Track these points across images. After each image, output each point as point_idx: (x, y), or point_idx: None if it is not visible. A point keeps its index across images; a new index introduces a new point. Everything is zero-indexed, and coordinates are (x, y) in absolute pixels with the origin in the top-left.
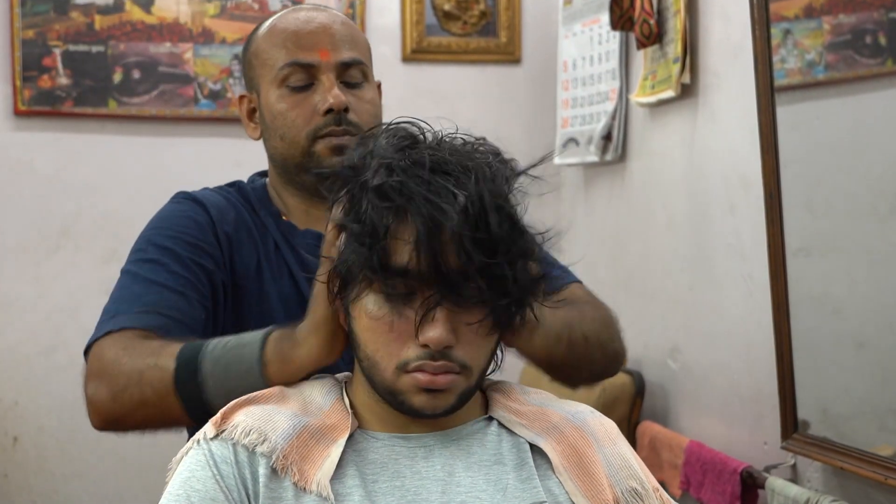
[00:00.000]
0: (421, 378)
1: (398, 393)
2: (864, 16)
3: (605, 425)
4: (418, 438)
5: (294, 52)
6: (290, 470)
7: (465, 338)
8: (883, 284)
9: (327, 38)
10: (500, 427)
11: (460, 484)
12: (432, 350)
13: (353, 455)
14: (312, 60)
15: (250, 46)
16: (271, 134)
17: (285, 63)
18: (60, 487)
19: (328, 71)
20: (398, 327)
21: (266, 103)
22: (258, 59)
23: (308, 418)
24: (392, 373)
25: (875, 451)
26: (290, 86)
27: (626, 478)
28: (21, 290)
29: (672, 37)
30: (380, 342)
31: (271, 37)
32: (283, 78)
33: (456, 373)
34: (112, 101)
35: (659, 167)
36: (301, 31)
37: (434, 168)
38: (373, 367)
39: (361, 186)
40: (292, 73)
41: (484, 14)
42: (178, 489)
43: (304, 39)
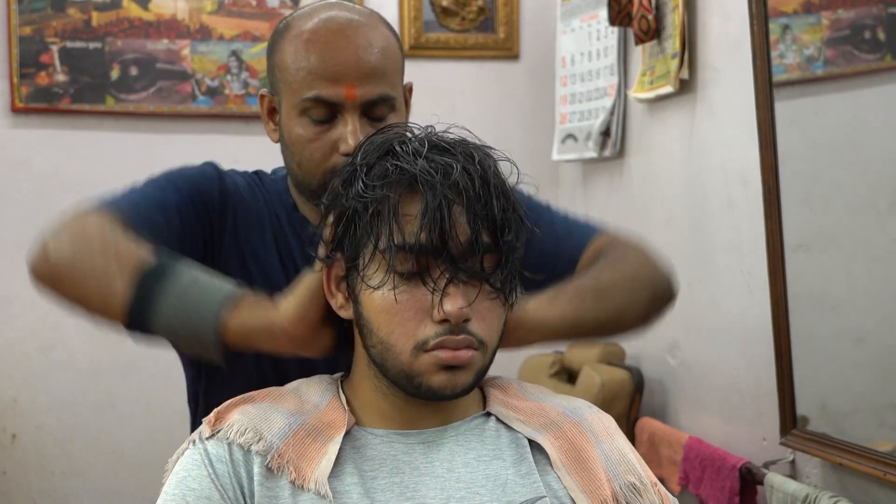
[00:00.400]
0: (443, 355)
1: (415, 375)
2: (862, 11)
3: (603, 420)
4: (417, 434)
5: (318, 86)
6: (287, 468)
7: (478, 313)
8: (882, 280)
9: (355, 71)
10: (499, 423)
11: (459, 480)
12: (452, 325)
13: (350, 452)
14: (337, 98)
15: (275, 52)
16: (289, 154)
17: (308, 97)
18: (59, 485)
19: (352, 110)
20: (412, 306)
21: (286, 123)
22: (281, 72)
23: (304, 416)
24: (409, 354)
25: (874, 447)
26: (312, 118)
27: (625, 472)
28: (19, 288)
29: (670, 32)
30: (394, 322)
31: (296, 54)
32: (302, 110)
33: (475, 348)
34: (109, 98)
35: (657, 163)
36: (328, 62)
37: (434, 147)
38: (387, 350)
39: (361, 168)
40: (314, 106)
41: (482, 10)
42: (174, 489)
43: (330, 71)
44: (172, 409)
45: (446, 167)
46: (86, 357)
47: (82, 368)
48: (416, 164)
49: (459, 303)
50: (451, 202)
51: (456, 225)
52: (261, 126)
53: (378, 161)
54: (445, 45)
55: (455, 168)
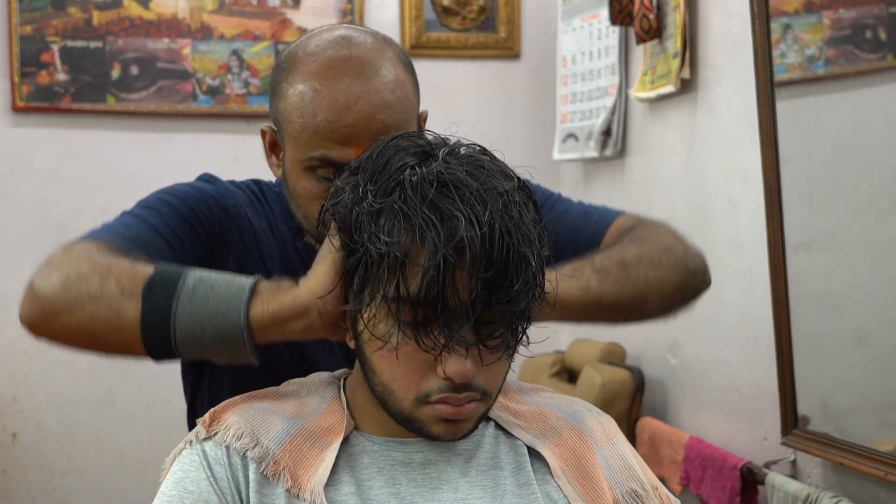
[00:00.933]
0: (444, 410)
1: (417, 421)
2: (864, 10)
3: (603, 424)
4: (415, 443)
5: (326, 146)
6: (283, 476)
7: (484, 366)
8: (883, 279)
9: (367, 132)
10: (498, 429)
11: (457, 490)
12: (455, 383)
13: (347, 460)
14: (347, 159)
15: (278, 97)
16: (291, 199)
17: (315, 156)
18: (59, 483)
19: None
20: (416, 358)
21: (290, 171)
22: (286, 122)
23: (303, 420)
24: (411, 403)
25: (875, 447)
26: (318, 175)
27: (626, 479)
28: (19, 286)
29: (671, 31)
30: (397, 372)
31: (302, 108)
32: (308, 167)
33: (478, 400)
34: (110, 97)
35: (658, 162)
36: (336, 124)
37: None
38: (388, 394)
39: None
40: (321, 166)
41: (483, 9)
42: (171, 490)
43: (338, 133)
44: (172, 407)
45: (452, 221)
46: (85, 356)
47: (82, 367)
48: (419, 212)
49: (464, 365)
50: (454, 263)
51: (457, 285)
52: (261, 125)
53: (384, 200)
54: (446, 45)
55: (461, 222)
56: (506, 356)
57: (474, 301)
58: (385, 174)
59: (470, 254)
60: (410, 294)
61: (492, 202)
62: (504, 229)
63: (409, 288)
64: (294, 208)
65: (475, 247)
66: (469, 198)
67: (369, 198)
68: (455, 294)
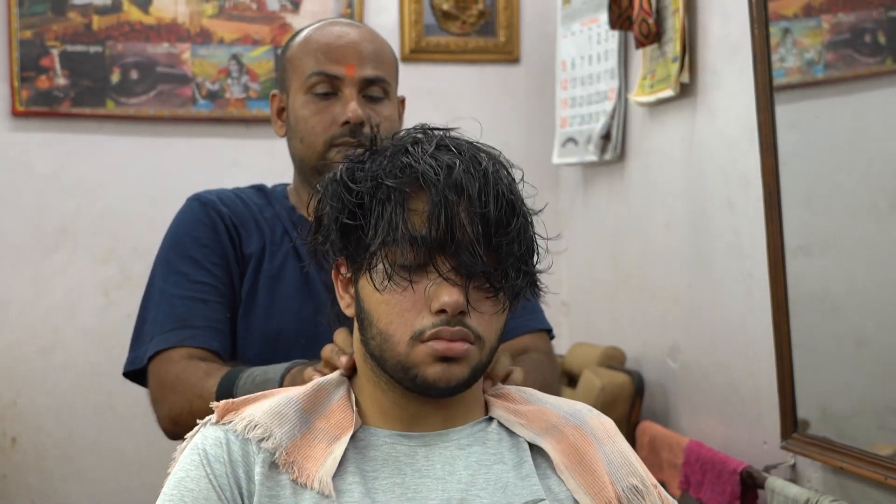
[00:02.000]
0: (438, 346)
1: (412, 366)
2: (863, 14)
3: (604, 423)
4: (419, 437)
5: (322, 63)
6: (292, 468)
7: (477, 307)
8: (883, 282)
9: (355, 53)
10: (500, 427)
11: (460, 482)
12: (448, 316)
13: (354, 452)
14: (338, 72)
15: (287, 51)
16: (293, 135)
17: (313, 72)
18: (59, 487)
19: (351, 85)
20: (412, 297)
21: (292, 106)
22: (291, 63)
23: (313, 417)
24: (406, 344)
25: (875, 451)
26: (315, 93)
27: (627, 475)
28: (19, 290)
29: (671, 36)
30: (393, 313)
31: (306, 45)
32: (309, 85)
33: (471, 342)
34: (110, 102)
35: (658, 166)
36: (332, 45)
37: (443, 147)
38: (385, 341)
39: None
40: (318, 82)
41: (482, 13)
42: (172, 489)
43: (333, 52)
44: None
45: (450, 165)
46: (85, 360)
47: (82, 371)
48: (421, 161)
49: (455, 295)
50: (453, 201)
51: (456, 221)
52: (261, 129)
53: (389, 157)
54: (446, 49)
55: (457, 166)
56: (501, 307)
57: (476, 238)
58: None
59: (467, 194)
60: (412, 233)
61: (484, 160)
62: (496, 176)
63: (409, 228)
64: (295, 142)
65: (473, 187)
66: (465, 153)
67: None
68: (455, 231)
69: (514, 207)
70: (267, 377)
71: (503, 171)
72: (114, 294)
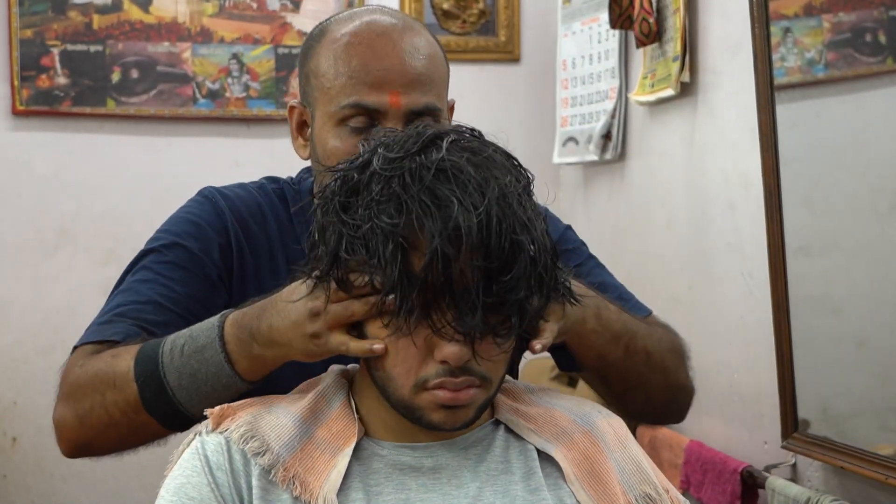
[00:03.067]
0: (442, 395)
1: (416, 409)
2: (864, 14)
3: (613, 426)
4: (425, 448)
5: (360, 92)
6: (293, 483)
7: (483, 353)
8: (883, 283)
9: (401, 77)
10: (508, 432)
11: (467, 496)
12: (452, 366)
13: (357, 465)
14: (380, 105)
15: (309, 59)
16: (322, 166)
17: (347, 103)
18: (59, 488)
19: (395, 120)
20: (415, 343)
21: (320, 134)
22: (316, 79)
23: (313, 427)
24: (410, 390)
25: (875, 451)
26: (351, 126)
27: (640, 483)
28: (19, 290)
29: (671, 35)
30: (397, 358)
31: (335, 58)
32: (342, 117)
33: (477, 386)
34: (110, 101)
35: (658, 166)
36: (371, 66)
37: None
38: (388, 380)
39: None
40: (354, 114)
41: (483, 13)
42: (172, 495)
43: (373, 76)
44: None
45: (448, 208)
46: None
47: None
48: (417, 201)
49: (458, 347)
50: (451, 254)
51: (455, 271)
52: (261, 129)
53: (383, 189)
54: (446, 49)
55: (455, 208)
56: (505, 349)
57: (476, 288)
58: (389, 161)
59: (466, 241)
60: (416, 278)
61: (489, 191)
62: (500, 216)
63: (413, 273)
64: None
65: (472, 234)
66: (466, 185)
67: (373, 186)
68: (457, 280)
69: (519, 247)
70: (197, 344)
71: (513, 198)
72: None
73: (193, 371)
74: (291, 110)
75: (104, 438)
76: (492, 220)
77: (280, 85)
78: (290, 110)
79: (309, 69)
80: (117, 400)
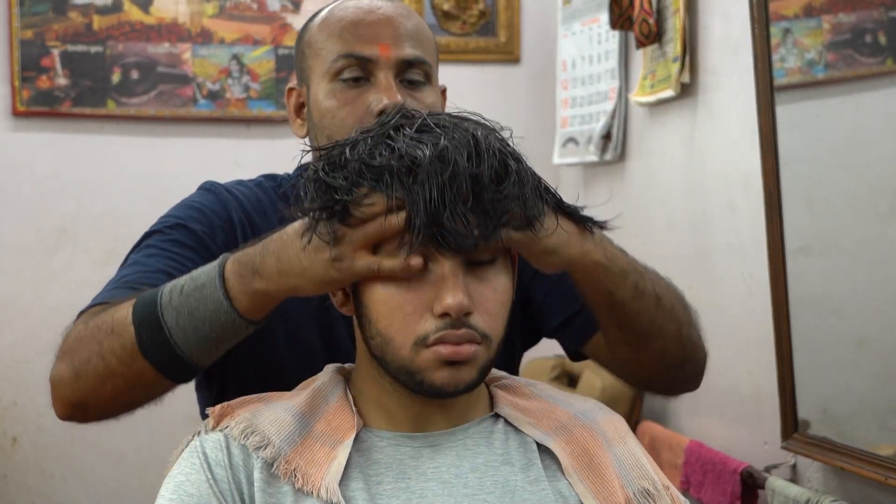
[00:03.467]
0: (444, 350)
1: (416, 371)
2: (863, 15)
3: (614, 423)
4: (423, 437)
5: (351, 44)
6: (294, 476)
7: (481, 305)
8: (883, 283)
9: (390, 30)
10: (507, 425)
11: (467, 486)
12: (453, 318)
13: (357, 456)
14: (370, 54)
15: (304, 36)
16: (318, 133)
17: (340, 54)
18: (59, 488)
19: (387, 67)
20: (412, 300)
21: (315, 98)
22: (311, 49)
23: (312, 421)
24: (409, 349)
25: (875, 451)
26: (343, 79)
27: (638, 478)
28: (20, 290)
29: (671, 36)
30: (394, 317)
31: (327, 26)
32: (335, 71)
33: (477, 343)
34: (111, 102)
35: (658, 167)
36: (361, 21)
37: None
38: (386, 344)
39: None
40: (347, 65)
41: (483, 13)
42: (171, 493)
43: (363, 30)
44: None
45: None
46: None
47: None
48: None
49: (459, 296)
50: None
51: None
52: (261, 129)
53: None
54: (446, 49)
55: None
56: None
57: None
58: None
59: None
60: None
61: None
62: (485, 138)
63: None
64: (322, 141)
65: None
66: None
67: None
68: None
69: (507, 159)
70: (197, 283)
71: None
72: None
73: (192, 310)
74: (290, 93)
75: (100, 393)
76: (479, 141)
77: (280, 86)
78: (289, 93)
79: (304, 45)
80: (114, 347)
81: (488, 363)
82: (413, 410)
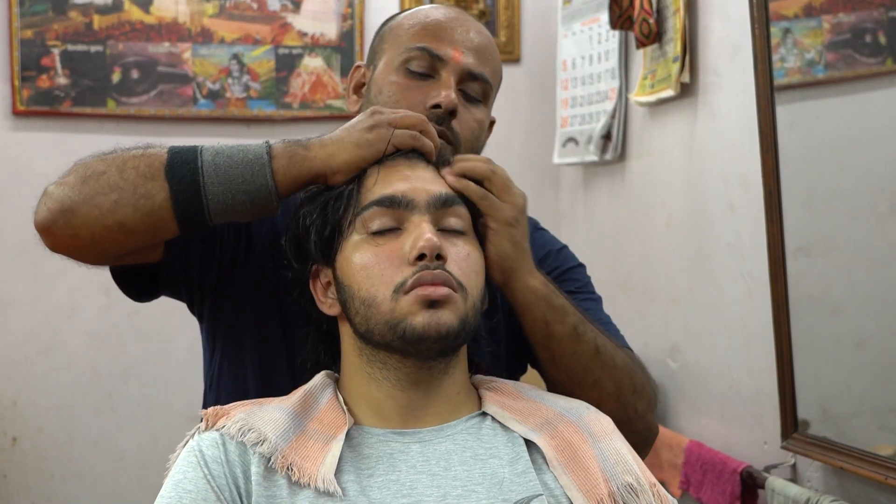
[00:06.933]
0: (421, 291)
1: (399, 320)
2: (863, 15)
3: (601, 420)
4: (413, 434)
5: (428, 40)
6: (290, 469)
7: (454, 259)
8: (882, 283)
9: (466, 41)
10: (495, 422)
11: (456, 478)
12: (427, 261)
13: (348, 451)
14: (442, 53)
15: (391, 21)
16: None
17: (415, 45)
18: (59, 488)
19: (453, 71)
20: (388, 256)
21: (378, 78)
22: (392, 33)
23: (305, 420)
24: (390, 300)
25: (875, 451)
26: (410, 70)
27: (622, 472)
28: (20, 291)
29: (671, 36)
30: (373, 273)
31: (414, 18)
32: (406, 59)
33: (453, 288)
34: (111, 101)
35: (658, 166)
36: (445, 25)
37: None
38: (369, 307)
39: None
40: (417, 57)
41: (483, 13)
42: (169, 492)
43: (443, 32)
44: (173, 411)
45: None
46: (86, 360)
47: (82, 371)
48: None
49: (428, 234)
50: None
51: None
52: (262, 129)
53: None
54: None
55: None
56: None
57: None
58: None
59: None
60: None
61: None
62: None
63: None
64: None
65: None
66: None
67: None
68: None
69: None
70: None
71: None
72: (114, 294)
73: (231, 154)
74: (356, 70)
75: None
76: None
77: (280, 85)
78: (355, 70)
79: (387, 28)
80: (139, 164)
81: (466, 316)
82: (403, 403)
